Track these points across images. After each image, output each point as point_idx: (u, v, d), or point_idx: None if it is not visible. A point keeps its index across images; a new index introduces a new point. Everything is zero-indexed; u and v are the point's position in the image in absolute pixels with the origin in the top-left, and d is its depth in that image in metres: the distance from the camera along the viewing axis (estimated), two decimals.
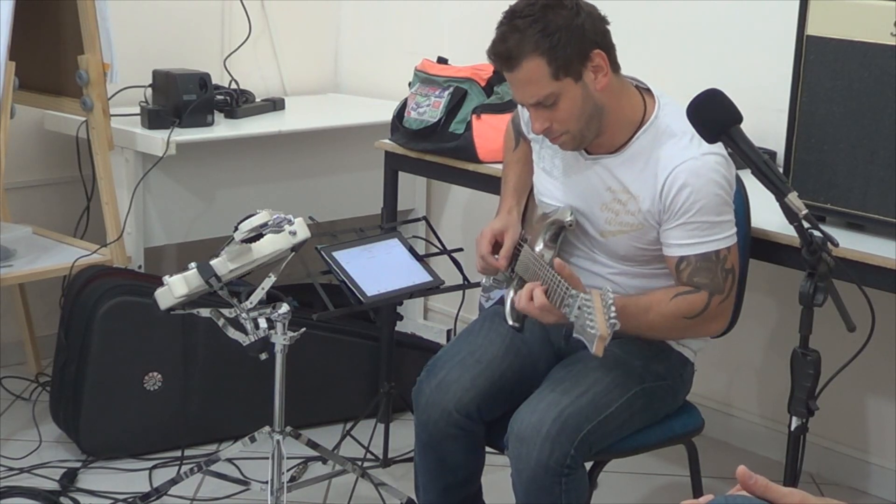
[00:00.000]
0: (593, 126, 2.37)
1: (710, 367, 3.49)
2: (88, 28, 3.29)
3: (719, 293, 2.36)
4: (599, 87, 2.33)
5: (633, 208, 2.39)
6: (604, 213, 2.43)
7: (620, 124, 2.40)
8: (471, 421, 2.49)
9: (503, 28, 2.35)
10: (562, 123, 2.36)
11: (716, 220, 2.33)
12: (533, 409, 2.35)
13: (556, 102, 2.33)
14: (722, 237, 2.34)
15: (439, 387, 2.50)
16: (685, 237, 2.34)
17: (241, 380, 3.34)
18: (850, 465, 3.32)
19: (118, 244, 3.45)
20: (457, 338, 2.64)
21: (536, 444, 2.30)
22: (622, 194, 2.40)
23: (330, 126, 3.97)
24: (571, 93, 2.32)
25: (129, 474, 3.22)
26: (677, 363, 2.54)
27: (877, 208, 2.50)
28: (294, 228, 2.61)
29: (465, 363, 2.51)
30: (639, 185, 2.38)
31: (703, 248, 2.34)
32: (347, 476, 3.05)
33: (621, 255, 2.45)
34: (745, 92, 2.52)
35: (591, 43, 2.31)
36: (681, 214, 2.33)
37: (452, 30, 4.10)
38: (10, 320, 3.81)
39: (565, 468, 2.30)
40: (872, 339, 2.10)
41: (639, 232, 2.40)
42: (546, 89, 2.32)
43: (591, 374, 2.41)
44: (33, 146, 3.87)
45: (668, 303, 2.34)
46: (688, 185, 2.31)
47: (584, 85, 2.33)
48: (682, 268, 2.36)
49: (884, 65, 2.44)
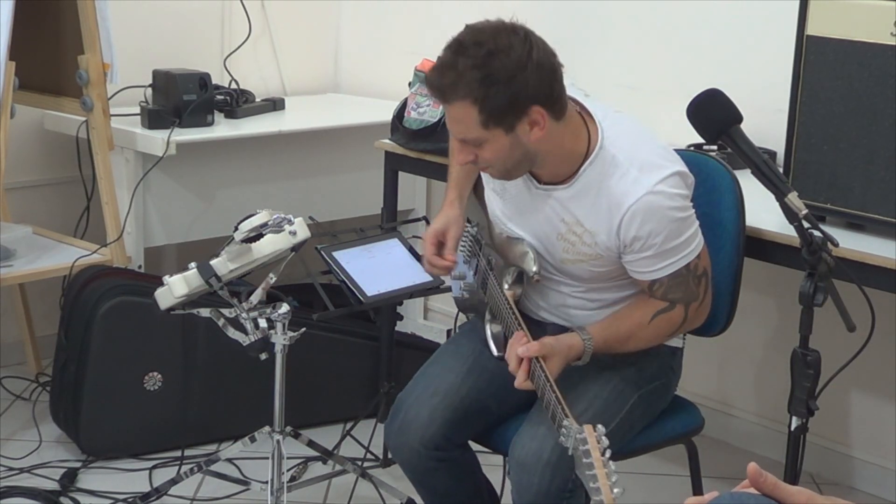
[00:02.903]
0: (522, 167, 2.29)
1: (711, 366, 3.50)
2: (88, 28, 3.29)
3: (695, 300, 2.34)
4: (533, 139, 2.21)
5: (588, 241, 2.32)
6: (560, 242, 2.36)
7: (561, 159, 2.29)
8: (444, 451, 2.46)
9: (444, 61, 2.23)
10: (487, 160, 2.27)
11: (680, 241, 2.27)
12: (533, 434, 2.31)
13: (482, 145, 2.23)
14: (688, 252, 2.29)
15: (401, 429, 2.47)
16: (653, 264, 2.29)
17: (241, 380, 3.34)
18: (850, 466, 3.32)
19: (118, 244, 3.45)
20: (418, 372, 2.57)
21: (538, 471, 2.27)
22: (576, 227, 2.33)
23: (330, 126, 3.97)
24: (499, 141, 2.21)
25: (129, 474, 3.22)
26: (667, 356, 2.52)
27: (877, 208, 2.50)
28: (294, 228, 2.61)
29: (420, 399, 2.47)
30: (592, 219, 2.30)
31: (673, 267, 2.29)
32: (347, 476, 3.05)
33: (585, 278, 2.40)
34: (745, 92, 2.52)
35: (531, 99, 2.17)
36: (644, 249, 2.27)
37: (452, 30, 4.08)
38: (10, 320, 3.81)
39: (567, 492, 2.27)
40: (872, 339, 2.10)
41: (598, 261, 2.34)
42: (473, 133, 2.21)
43: (588, 390, 2.38)
44: (33, 146, 3.87)
45: (648, 326, 2.32)
46: (646, 223, 2.23)
47: (516, 135, 2.21)
48: (656, 289, 2.32)
49: (884, 65, 2.44)
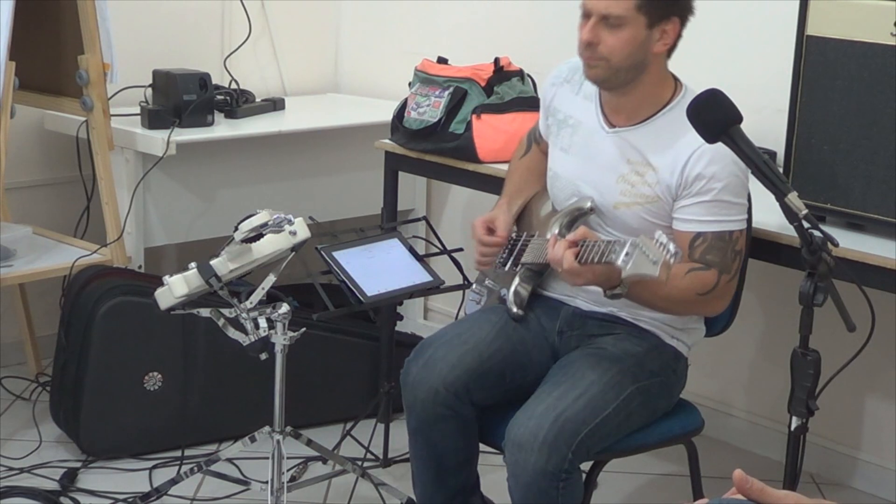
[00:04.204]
0: (630, 74, 2.43)
1: (711, 366, 3.50)
2: (88, 28, 3.29)
3: (727, 273, 2.40)
4: (656, 50, 2.41)
5: (651, 180, 2.42)
6: (619, 184, 2.46)
7: (648, 96, 2.45)
8: (459, 401, 2.48)
9: None
10: (609, 49, 2.40)
11: (734, 200, 2.38)
12: (529, 414, 2.34)
13: (619, 28, 2.38)
14: (738, 218, 2.40)
15: (426, 365, 2.51)
16: (704, 213, 2.38)
17: (241, 380, 3.34)
18: (850, 465, 3.32)
19: (118, 244, 3.45)
20: (445, 326, 2.66)
21: (534, 450, 2.29)
22: (641, 166, 2.44)
23: (330, 126, 3.97)
24: (636, 31, 2.38)
25: (129, 474, 3.22)
26: (670, 358, 2.55)
27: (877, 208, 2.50)
28: (294, 228, 2.61)
29: (451, 343, 2.53)
30: (660, 156, 2.41)
31: (720, 226, 2.38)
32: (347, 476, 3.05)
33: (634, 227, 2.45)
34: (745, 92, 2.52)
35: (679, 10, 2.41)
36: (703, 192, 2.37)
37: (452, 30, 4.09)
38: (10, 320, 3.81)
39: (563, 473, 2.29)
40: (872, 339, 2.10)
41: (652, 205, 2.43)
42: (620, 10, 2.37)
43: (586, 376, 2.41)
44: (33, 146, 3.87)
45: (683, 277, 2.36)
46: (713, 163, 2.35)
47: (649, 35, 2.40)
48: (698, 244, 2.38)
49: (884, 65, 2.44)
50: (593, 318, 2.56)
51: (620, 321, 2.55)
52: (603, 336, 2.53)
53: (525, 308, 2.60)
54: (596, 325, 2.56)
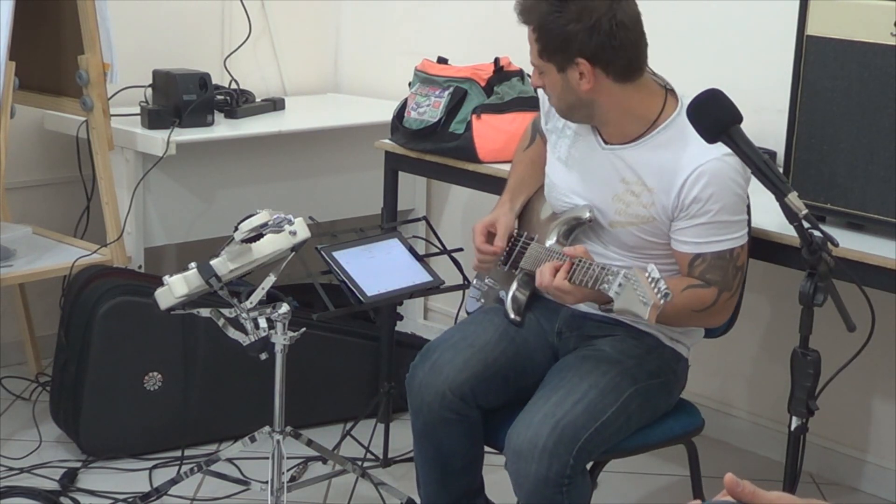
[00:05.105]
0: (580, 112, 2.44)
1: (711, 367, 3.50)
2: (88, 28, 3.29)
3: (728, 290, 2.38)
4: (584, 90, 2.37)
5: (646, 201, 2.40)
6: (615, 203, 2.45)
7: (628, 119, 2.42)
8: (465, 404, 2.48)
9: None
10: (549, 92, 2.45)
11: (733, 219, 2.36)
12: (528, 422, 2.33)
13: (544, 74, 2.42)
14: (737, 236, 2.37)
15: (432, 369, 2.51)
16: (702, 235, 2.36)
17: (241, 380, 3.34)
18: (850, 465, 3.32)
19: (118, 244, 3.45)
20: (449, 328, 2.66)
21: (534, 458, 2.28)
22: (636, 185, 2.41)
23: (330, 126, 3.97)
24: (553, 76, 2.40)
25: (129, 474, 3.22)
26: (670, 359, 2.54)
27: (877, 208, 2.50)
28: (294, 228, 2.61)
29: (457, 347, 2.53)
30: (656, 177, 2.39)
31: (719, 246, 2.36)
32: (347, 476, 3.05)
33: (630, 245, 2.46)
34: (745, 92, 2.52)
35: (576, 52, 2.33)
36: (700, 214, 2.34)
37: (452, 30, 4.10)
38: (10, 320, 3.81)
39: (565, 478, 2.29)
40: (872, 339, 2.10)
41: (648, 225, 2.41)
42: (534, 59, 2.41)
43: (585, 380, 2.40)
44: (33, 146, 3.87)
45: (680, 294, 2.34)
46: (710, 185, 2.32)
47: (566, 78, 2.37)
48: (697, 264, 2.37)
49: (884, 65, 2.44)
50: (592, 319, 2.56)
51: (619, 323, 2.54)
52: (602, 337, 2.53)
53: (524, 310, 2.61)
54: (595, 327, 2.55)
